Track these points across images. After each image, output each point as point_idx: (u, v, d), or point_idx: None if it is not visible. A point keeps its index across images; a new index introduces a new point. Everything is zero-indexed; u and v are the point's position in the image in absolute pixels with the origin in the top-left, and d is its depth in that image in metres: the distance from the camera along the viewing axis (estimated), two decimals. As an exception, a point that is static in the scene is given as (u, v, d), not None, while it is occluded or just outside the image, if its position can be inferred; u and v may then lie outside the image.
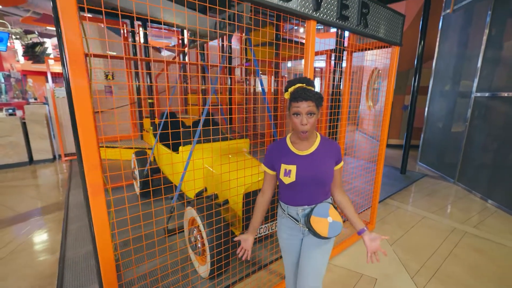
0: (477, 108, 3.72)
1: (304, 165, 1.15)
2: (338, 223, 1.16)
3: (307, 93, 1.04)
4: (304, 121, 1.06)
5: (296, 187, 1.17)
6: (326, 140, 1.22)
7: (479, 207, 3.29)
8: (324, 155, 1.17)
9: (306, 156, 1.16)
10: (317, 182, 1.16)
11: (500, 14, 3.39)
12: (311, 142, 1.19)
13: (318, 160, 1.16)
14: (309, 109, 1.05)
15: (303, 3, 1.40)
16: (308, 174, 1.14)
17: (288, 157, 1.17)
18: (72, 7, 0.78)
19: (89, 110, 0.85)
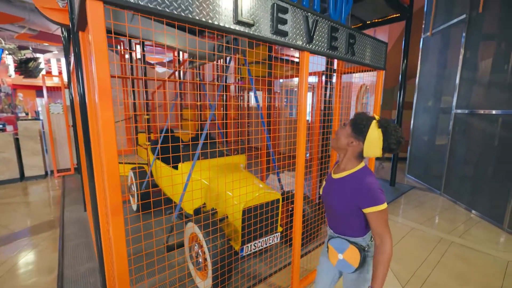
0: (458, 123, 3.99)
1: (327, 186, 1.23)
2: (349, 265, 1.15)
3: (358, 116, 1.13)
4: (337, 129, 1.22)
5: (323, 204, 1.28)
6: (361, 175, 1.13)
7: (463, 217, 3.47)
8: (344, 188, 1.14)
9: (332, 180, 1.21)
10: (331, 209, 1.18)
11: (473, 37, 3.73)
12: (345, 168, 1.17)
13: (335, 190, 1.17)
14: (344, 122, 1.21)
15: (297, 37, 1.57)
16: (325, 197, 1.23)
17: (329, 174, 1.30)
18: (103, 51, 0.90)
19: (114, 140, 0.96)
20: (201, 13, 1.13)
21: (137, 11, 0.99)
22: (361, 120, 1.11)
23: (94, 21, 0.88)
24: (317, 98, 3.27)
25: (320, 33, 1.70)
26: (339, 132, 1.17)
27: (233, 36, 1.31)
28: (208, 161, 2.71)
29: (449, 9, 4.29)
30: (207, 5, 1.15)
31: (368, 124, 1.09)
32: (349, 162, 1.16)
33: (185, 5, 1.08)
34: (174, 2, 1.05)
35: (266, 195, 2.21)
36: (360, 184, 1.09)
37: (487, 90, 3.51)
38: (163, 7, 1.02)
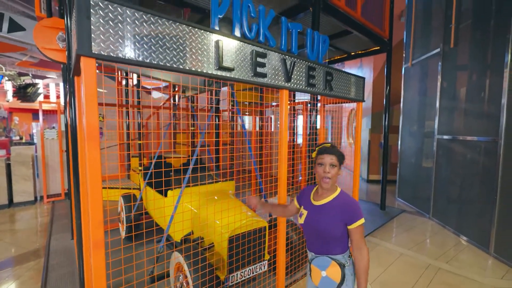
0: (441, 148, 4.16)
1: (312, 214, 1.33)
2: (332, 281, 1.25)
3: (331, 149, 1.31)
4: (327, 170, 1.27)
5: (305, 231, 1.38)
6: (343, 197, 1.32)
7: (452, 242, 3.50)
8: (333, 211, 1.27)
9: (316, 207, 1.33)
10: (319, 234, 1.28)
11: (448, 69, 4.01)
12: (327, 194, 1.33)
13: (324, 214, 1.28)
14: (332, 161, 1.28)
15: (276, 78, 1.72)
16: (311, 224, 1.31)
17: (307, 203, 1.40)
18: (93, 100, 1.01)
19: (99, 181, 1.04)
20: (184, 63, 1.27)
21: (128, 65, 1.12)
22: (341, 152, 1.34)
23: (87, 74, 1.01)
24: (303, 125, 3.43)
25: (298, 73, 1.87)
26: (332, 173, 1.28)
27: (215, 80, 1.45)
28: (197, 188, 2.76)
29: (425, 43, 4.64)
30: (190, 55, 1.29)
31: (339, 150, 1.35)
32: (330, 189, 1.33)
33: (171, 57, 1.22)
34: (160, 54, 1.19)
35: (253, 222, 2.25)
36: (347, 204, 1.28)
37: (464, 118, 3.72)
38: (157, 61, 1.16)
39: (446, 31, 4.00)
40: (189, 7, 3.33)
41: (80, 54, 0.97)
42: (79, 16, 0.97)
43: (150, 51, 1.15)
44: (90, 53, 0.99)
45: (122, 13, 1.07)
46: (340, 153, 1.33)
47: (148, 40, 1.14)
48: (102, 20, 1.02)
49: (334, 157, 1.29)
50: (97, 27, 1.00)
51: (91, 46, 0.99)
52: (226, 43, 1.43)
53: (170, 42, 1.22)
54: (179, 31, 1.24)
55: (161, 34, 1.18)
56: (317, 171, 1.33)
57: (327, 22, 3.89)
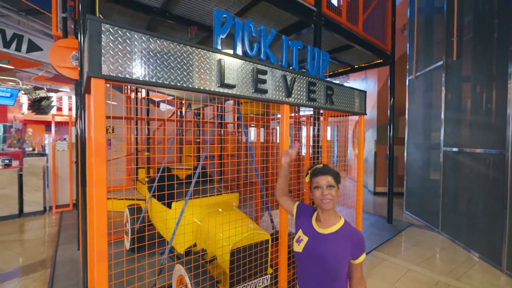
0: (447, 160, 4.10)
1: (316, 242, 1.18)
2: None
3: (326, 169, 1.23)
4: (325, 192, 1.17)
5: (303, 263, 1.19)
6: (349, 227, 1.22)
7: (462, 258, 3.39)
8: (341, 242, 1.16)
9: (322, 235, 1.19)
10: (324, 265, 1.13)
11: (452, 81, 4.02)
12: (332, 222, 1.21)
13: (332, 244, 1.15)
14: (328, 182, 1.19)
15: (277, 93, 1.78)
16: (315, 252, 1.15)
17: (308, 228, 1.25)
18: (102, 118, 1.08)
19: (104, 194, 1.09)
20: (187, 81, 1.34)
21: (135, 84, 1.19)
22: (335, 170, 1.27)
23: (96, 94, 1.08)
24: (306, 137, 3.45)
25: (298, 88, 1.92)
26: (333, 194, 1.19)
27: (217, 96, 1.51)
28: (200, 200, 2.79)
29: (428, 55, 4.67)
30: (193, 74, 1.36)
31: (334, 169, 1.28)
32: (332, 216, 1.23)
33: (175, 76, 1.29)
34: (165, 74, 1.26)
35: (255, 235, 2.25)
36: (355, 236, 1.19)
37: (470, 130, 3.68)
38: (162, 80, 1.24)
39: (448, 44, 4.04)
40: (196, 25, 3.48)
41: (91, 76, 1.05)
42: (90, 41, 1.05)
43: (156, 71, 1.23)
44: (100, 75, 1.07)
45: (130, 37, 1.15)
46: (335, 172, 1.25)
47: (154, 61, 1.22)
48: (111, 44, 1.10)
49: (330, 177, 1.21)
50: (107, 50, 1.08)
51: (101, 68, 1.07)
52: (228, 61, 1.50)
53: (174, 62, 1.29)
54: (183, 51, 1.32)
55: (166, 55, 1.26)
56: (314, 196, 1.22)
57: (329, 36, 3.98)
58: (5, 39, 2.65)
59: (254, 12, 3.30)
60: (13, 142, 9.82)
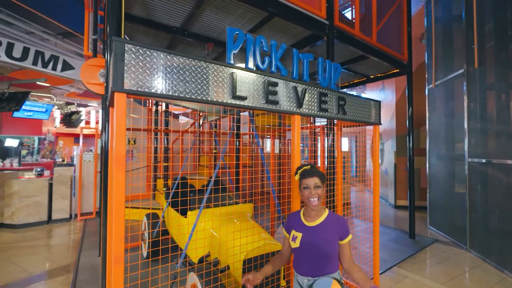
0: (473, 172, 3.87)
1: (309, 234, 1.38)
2: None
3: (313, 171, 1.43)
4: (313, 192, 1.38)
5: (300, 254, 1.38)
6: (333, 215, 1.46)
7: (494, 278, 3.12)
8: (329, 228, 1.39)
9: (312, 227, 1.40)
10: (319, 251, 1.33)
11: (474, 89, 3.85)
12: (318, 215, 1.43)
13: (322, 232, 1.38)
14: (315, 183, 1.40)
15: (288, 104, 1.83)
16: (310, 243, 1.35)
17: (298, 226, 1.45)
18: (123, 129, 1.18)
19: (123, 200, 1.17)
20: (201, 94, 1.43)
21: (153, 98, 1.30)
22: (321, 172, 1.46)
23: (119, 107, 1.19)
24: (321, 147, 3.44)
25: (310, 99, 1.96)
26: (319, 194, 1.40)
27: (230, 108, 1.59)
28: (215, 209, 2.83)
29: (448, 63, 4.54)
30: (207, 87, 1.45)
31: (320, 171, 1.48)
32: (319, 209, 1.45)
33: (190, 89, 1.38)
34: (181, 87, 1.36)
35: (268, 246, 2.24)
36: (339, 220, 1.43)
37: (497, 140, 3.48)
38: (177, 93, 1.33)
39: (468, 52, 3.92)
40: (212, 42, 3.67)
41: (114, 90, 1.16)
42: (115, 59, 1.17)
43: (172, 85, 1.33)
44: (122, 89, 1.18)
45: (150, 55, 1.26)
46: (321, 173, 1.44)
47: (171, 75, 1.32)
48: (133, 62, 1.21)
49: (317, 179, 1.41)
50: (129, 67, 1.20)
51: (123, 84, 1.18)
52: (240, 75, 1.58)
53: (189, 77, 1.39)
54: (197, 67, 1.42)
55: (182, 70, 1.36)
56: (303, 195, 1.43)
57: (343, 48, 4.01)
58: (43, 60, 2.98)
59: (268, 28, 3.43)
60: (46, 153, 10.59)
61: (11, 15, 4.50)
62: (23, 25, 4.92)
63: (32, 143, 10.74)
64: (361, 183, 8.87)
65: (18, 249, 3.89)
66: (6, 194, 4.86)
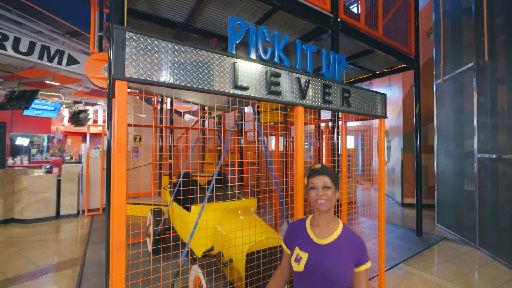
0: (483, 168, 3.77)
1: (317, 256, 1.07)
2: None
3: (322, 170, 1.15)
4: (320, 193, 1.09)
5: (302, 280, 1.08)
6: (349, 232, 1.14)
7: (505, 276, 3.03)
8: (343, 250, 1.07)
9: (322, 247, 1.08)
10: (328, 279, 1.04)
11: (484, 83, 3.75)
12: (332, 228, 1.13)
13: (335, 255, 1.06)
14: (325, 183, 1.10)
15: (291, 95, 1.81)
16: (318, 268, 1.05)
17: (304, 242, 1.12)
18: (124, 116, 1.18)
19: (124, 185, 1.18)
20: (203, 83, 1.42)
21: (155, 86, 1.29)
22: (333, 172, 1.18)
23: (120, 94, 1.19)
24: (325, 142, 3.40)
25: (313, 90, 1.93)
26: (328, 195, 1.11)
27: (231, 98, 1.58)
28: (219, 203, 2.83)
29: (456, 58, 4.44)
30: (209, 77, 1.44)
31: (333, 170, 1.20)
32: (331, 220, 1.15)
33: (191, 78, 1.38)
34: (182, 76, 1.35)
35: (270, 240, 2.22)
36: (356, 241, 1.10)
37: (508, 134, 3.38)
38: (179, 82, 1.33)
39: (478, 44, 3.81)
40: (216, 37, 3.67)
41: (115, 78, 1.16)
42: (116, 47, 1.17)
43: (174, 74, 1.32)
44: (123, 77, 1.18)
45: (151, 43, 1.26)
46: (333, 173, 1.16)
47: (172, 64, 1.32)
48: (134, 50, 1.21)
49: (326, 178, 1.13)
50: (130, 55, 1.20)
51: (124, 71, 1.18)
52: (241, 65, 1.57)
53: (190, 66, 1.38)
54: (199, 56, 1.41)
55: (184, 59, 1.36)
56: (310, 197, 1.14)
57: (349, 42, 3.96)
58: (49, 54, 3.03)
59: (272, 22, 3.41)
60: (55, 152, 10.80)
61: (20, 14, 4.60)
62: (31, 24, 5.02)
63: (41, 142, 10.97)
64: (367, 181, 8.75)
65: (27, 243, 3.98)
66: (16, 190, 4.96)
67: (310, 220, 1.19)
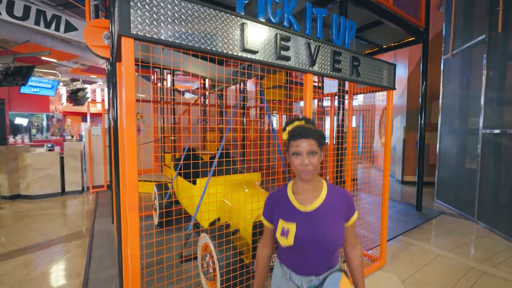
0: (486, 144, 3.77)
1: (306, 225, 0.97)
2: None
3: (307, 131, 0.96)
4: (306, 161, 0.94)
5: (294, 251, 0.99)
6: (334, 190, 1.04)
7: (501, 247, 3.14)
8: (333, 211, 1.00)
9: (310, 214, 0.99)
10: (323, 246, 0.97)
11: (495, 57, 3.64)
12: (316, 192, 1.02)
13: (324, 219, 0.98)
14: (310, 148, 0.94)
15: (300, 61, 1.74)
16: (309, 238, 0.96)
17: (288, 212, 1.01)
18: (131, 76, 1.14)
19: (135, 144, 1.16)
20: (211, 44, 1.36)
21: (161, 45, 1.24)
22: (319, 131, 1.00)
23: (126, 52, 1.14)
24: (330, 118, 3.36)
25: (323, 57, 1.87)
26: (314, 163, 0.96)
27: (240, 62, 1.52)
28: (224, 177, 2.86)
29: (467, 31, 4.27)
30: (217, 37, 1.38)
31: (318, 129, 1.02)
32: (315, 183, 1.03)
33: (199, 38, 1.32)
34: (190, 36, 1.29)
35: (277, 210, 2.26)
36: (343, 197, 1.03)
37: (515, 109, 3.34)
38: (186, 42, 1.27)
39: (492, 15, 3.65)
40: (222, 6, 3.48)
41: (121, 34, 1.11)
42: (120, 2, 1.10)
43: (181, 33, 1.26)
44: (129, 33, 1.12)
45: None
46: (319, 133, 0.98)
47: (179, 22, 1.25)
48: (139, 5, 1.14)
49: (312, 142, 0.95)
50: (135, 10, 1.13)
51: (130, 28, 1.12)
52: (250, 26, 1.50)
53: (198, 25, 1.31)
54: (207, 14, 1.33)
55: (191, 17, 1.29)
56: (292, 163, 0.98)
57: (357, 13, 3.79)
58: (45, 20, 2.87)
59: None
60: (55, 131, 10.75)
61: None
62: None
63: (40, 122, 10.88)
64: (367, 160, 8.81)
65: (35, 217, 4.07)
66: (20, 166, 4.99)
67: (291, 187, 1.06)
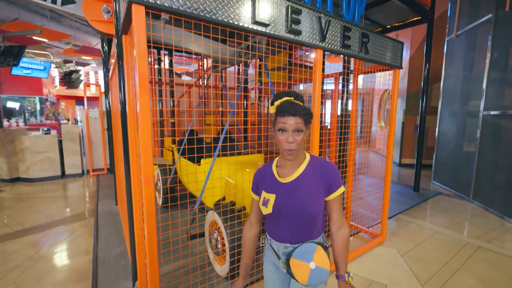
0: (486, 126, 3.81)
1: (284, 194, 1.00)
2: (324, 270, 0.96)
3: (295, 108, 0.94)
4: (290, 139, 0.94)
5: (274, 221, 1.03)
6: (318, 161, 1.04)
7: (495, 224, 3.27)
8: (311, 181, 1.00)
9: (288, 184, 1.01)
10: (299, 215, 0.98)
11: (501, 37, 3.60)
12: (296, 165, 1.03)
13: (301, 188, 0.99)
14: (297, 125, 0.93)
15: (311, 36, 1.70)
16: (286, 206, 0.99)
17: (270, 184, 1.04)
18: (143, 48, 1.10)
19: (149, 118, 1.14)
20: (223, 15, 1.32)
21: (173, 14, 1.19)
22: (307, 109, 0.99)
23: (137, 22, 1.09)
24: (333, 101, 3.33)
25: (333, 32, 1.82)
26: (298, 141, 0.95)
27: (252, 35, 1.47)
28: (228, 158, 2.87)
29: (474, 9, 4.19)
30: (229, 8, 1.33)
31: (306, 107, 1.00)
32: (298, 157, 1.03)
33: (210, 8, 1.27)
34: (201, 5, 1.24)
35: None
36: (325, 168, 1.01)
37: (517, 90, 3.35)
38: (198, 11, 1.22)
39: (500, -7, 3.57)
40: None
41: (132, 1, 1.06)
42: (130, -35, 1.04)
43: (193, 1, 1.21)
44: (141, 0, 1.07)
45: (167, -37, 1.12)
46: (307, 111, 0.97)
47: (190, -10, 1.20)
48: (150, -31, 1.08)
49: (299, 120, 0.94)
50: (146, -25, 1.07)
51: (141, -6, 1.07)
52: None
53: (209, -6, 1.26)
54: (218, -18, 1.27)
55: (202, -15, 1.23)
56: (277, 139, 0.98)
57: (361, -10, 3.66)
58: (41, -9, 2.73)
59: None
60: (49, 115, 10.55)
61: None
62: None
63: (33, 106, 10.64)
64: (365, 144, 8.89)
65: (37, 199, 4.08)
66: (18, 149, 4.93)
67: (276, 162, 1.09)
